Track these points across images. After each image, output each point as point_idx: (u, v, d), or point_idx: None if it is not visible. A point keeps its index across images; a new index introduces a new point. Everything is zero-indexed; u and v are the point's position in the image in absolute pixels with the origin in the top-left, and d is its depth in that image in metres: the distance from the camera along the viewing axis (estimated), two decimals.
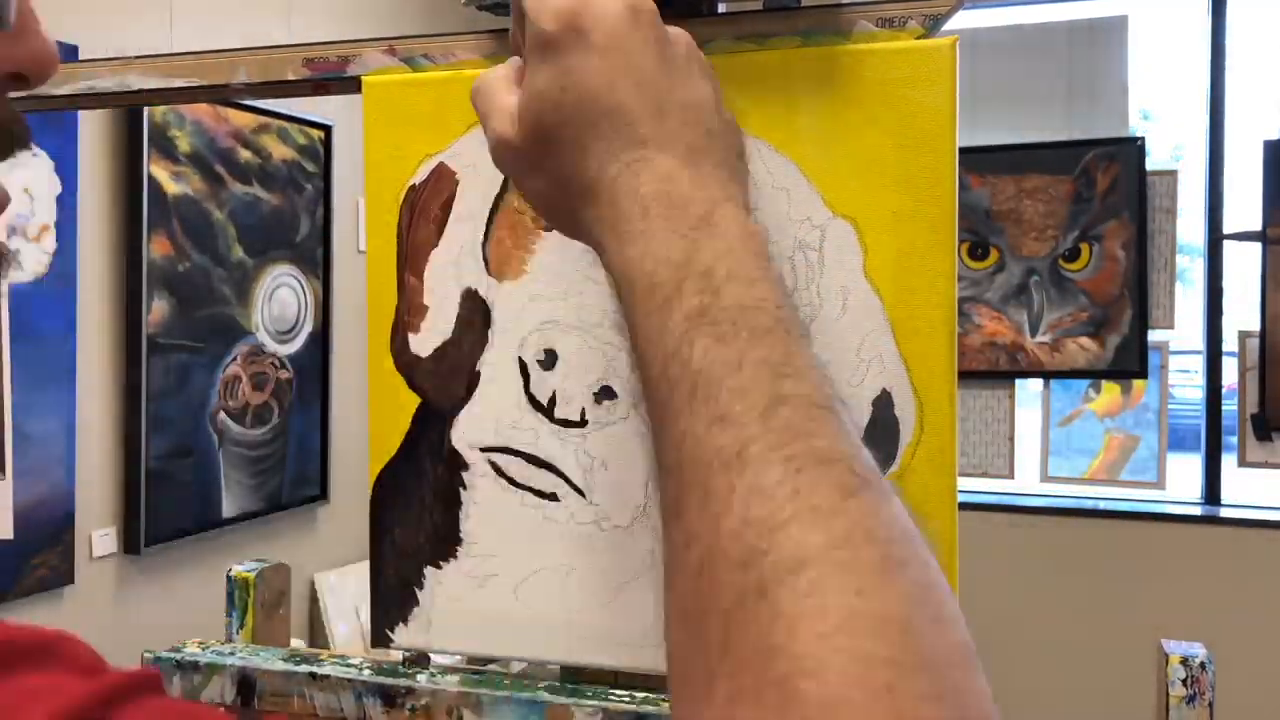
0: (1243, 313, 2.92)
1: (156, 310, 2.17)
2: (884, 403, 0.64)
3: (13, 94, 0.41)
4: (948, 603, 0.34)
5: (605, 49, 0.46)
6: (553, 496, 0.71)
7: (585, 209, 0.47)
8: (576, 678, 0.72)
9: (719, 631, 0.33)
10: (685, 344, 0.40)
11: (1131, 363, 2.89)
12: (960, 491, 0.64)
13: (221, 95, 0.76)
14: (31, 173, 1.90)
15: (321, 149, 2.64)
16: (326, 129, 2.65)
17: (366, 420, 0.74)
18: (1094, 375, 2.97)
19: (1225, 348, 2.96)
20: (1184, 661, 0.61)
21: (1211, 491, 2.99)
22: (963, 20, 0.75)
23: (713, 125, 0.48)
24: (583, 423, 0.70)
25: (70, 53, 1.86)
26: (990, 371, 2.96)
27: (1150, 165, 2.90)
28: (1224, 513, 2.96)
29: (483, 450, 0.71)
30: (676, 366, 0.40)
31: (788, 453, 0.35)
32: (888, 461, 0.63)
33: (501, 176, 0.71)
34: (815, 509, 0.34)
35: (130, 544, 2.15)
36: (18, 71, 0.40)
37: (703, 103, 0.48)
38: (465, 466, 0.72)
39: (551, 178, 0.48)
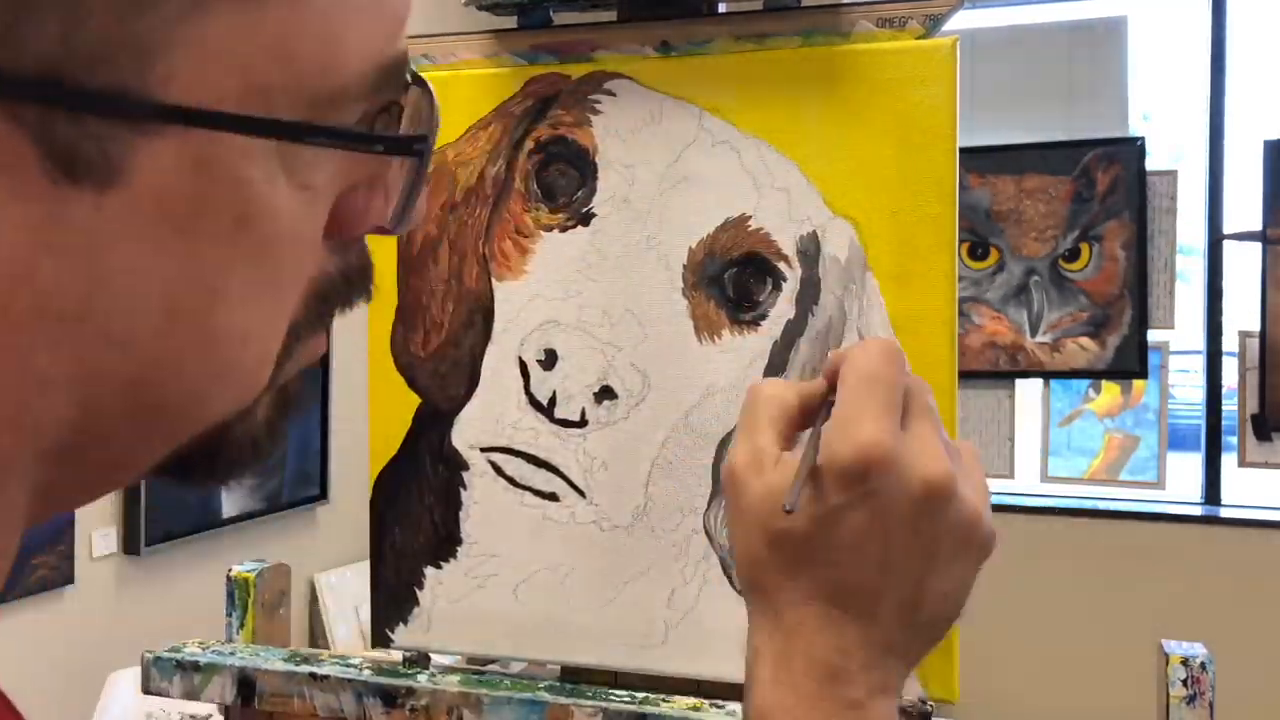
0: (1243, 313, 2.92)
1: None
2: None
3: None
4: None
5: (877, 515, 0.44)
6: (553, 496, 0.71)
7: (756, 605, 0.47)
8: (576, 678, 0.72)
9: None
10: None
11: (1131, 363, 2.89)
12: None
13: None
14: None
15: None
16: None
17: (367, 420, 0.74)
18: (1094, 375, 2.97)
19: (1225, 348, 2.96)
20: (1184, 661, 0.61)
21: (1211, 492, 2.99)
22: (963, 20, 0.75)
23: (931, 613, 0.47)
24: (583, 423, 0.70)
25: None
26: (990, 371, 2.96)
27: (1150, 165, 2.90)
28: (1224, 513, 2.96)
29: (483, 450, 0.71)
30: None
31: None
32: None
33: (503, 178, 0.71)
34: None
35: (130, 544, 2.15)
36: (383, 226, 0.34)
37: (936, 594, 0.47)
38: (465, 466, 0.72)
39: (748, 544, 0.47)
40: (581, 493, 0.71)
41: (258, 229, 0.28)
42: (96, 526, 2.09)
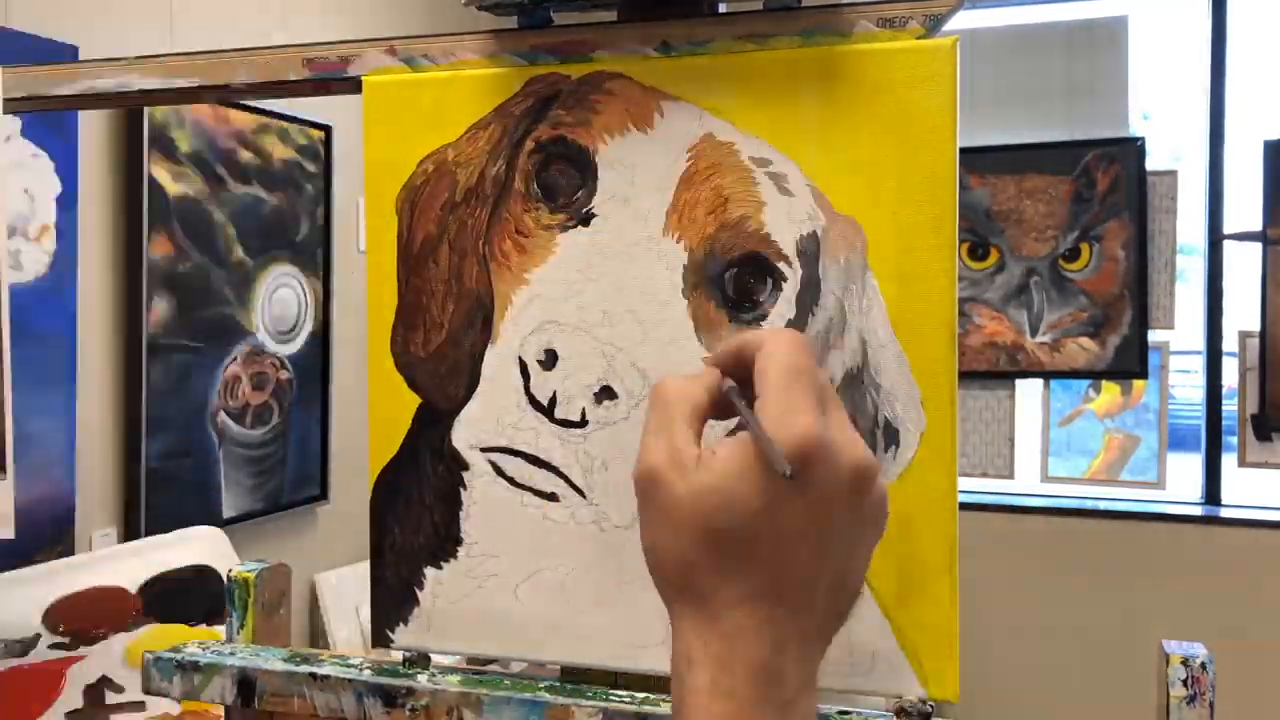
0: (1243, 313, 2.92)
1: (157, 310, 2.17)
2: (885, 402, 0.64)
3: None
4: None
5: (814, 504, 0.44)
6: (553, 496, 0.71)
7: (687, 609, 0.46)
8: (576, 678, 0.72)
9: None
10: None
11: (1132, 363, 2.89)
12: (960, 492, 0.64)
13: (222, 96, 0.76)
14: (31, 173, 1.90)
15: (322, 149, 2.64)
16: (327, 129, 2.65)
17: (367, 421, 0.74)
18: (1094, 375, 2.97)
19: (1225, 348, 2.96)
20: (1184, 662, 0.61)
21: (1211, 492, 2.99)
22: (963, 20, 0.75)
23: (850, 594, 0.47)
24: (583, 423, 0.70)
25: (70, 53, 1.86)
26: (990, 372, 2.96)
27: (1150, 165, 2.90)
28: (1224, 513, 2.96)
29: (483, 450, 0.71)
30: None
31: None
32: (889, 461, 0.64)
33: (503, 178, 0.71)
34: None
35: None
36: None
37: (857, 568, 0.47)
38: (465, 467, 0.72)
39: (677, 547, 0.46)
40: (582, 493, 0.71)
41: None
42: (97, 526, 2.09)
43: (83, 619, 1.70)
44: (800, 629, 0.45)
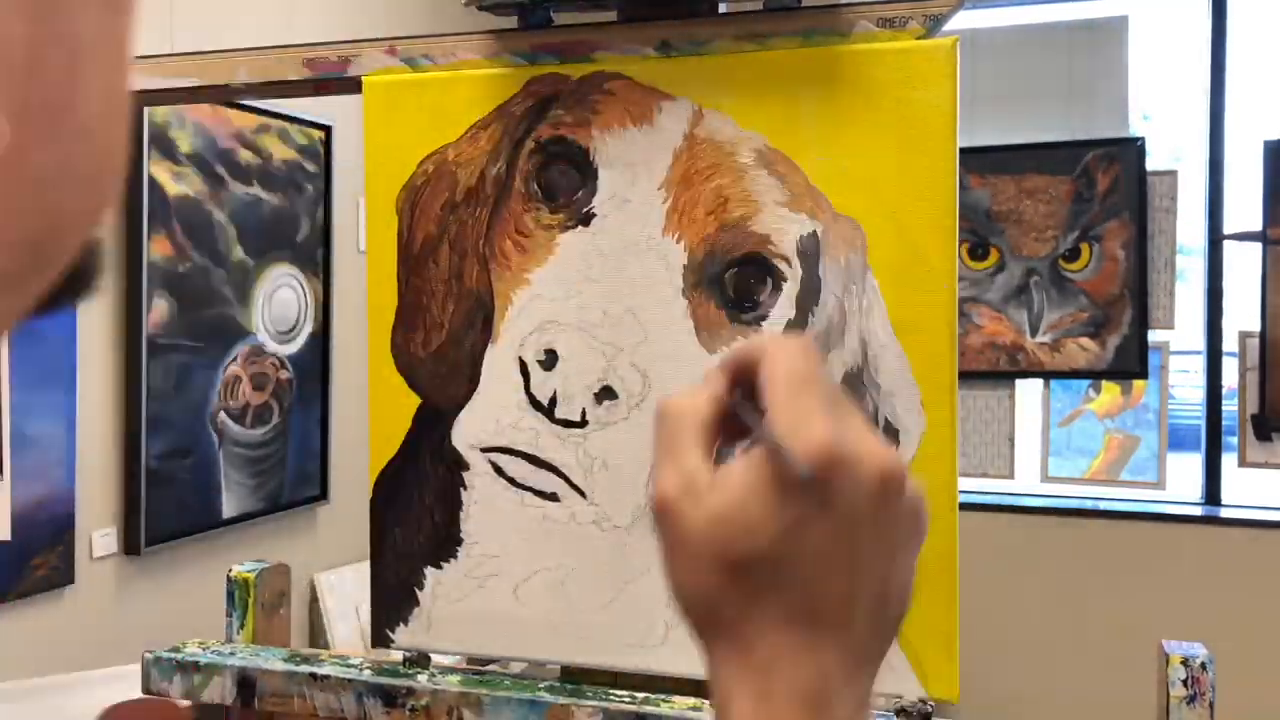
0: (1243, 313, 2.92)
1: (157, 311, 2.17)
2: (885, 402, 0.64)
3: None
4: None
5: (840, 518, 0.41)
6: (553, 496, 0.71)
7: (719, 644, 0.43)
8: (576, 678, 0.72)
9: None
10: None
11: (1132, 363, 2.89)
12: (960, 491, 0.64)
13: (222, 95, 0.76)
14: None
15: (322, 149, 2.64)
16: (327, 129, 2.65)
17: (367, 421, 0.74)
18: (1094, 375, 2.97)
19: (1225, 348, 2.96)
20: (1184, 662, 0.61)
21: (1211, 492, 2.99)
22: (963, 20, 0.75)
23: (896, 610, 0.45)
24: (583, 423, 0.70)
25: None
26: (990, 372, 2.96)
27: (1150, 165, 2.90)
28: (1224, 513, 2.96)
29: (483, 450, 0.71)
30: None
31: None
32: None
33: (503, 178, 0.71)
34: None
35: (130, 544, 2.15)
36: None
37: (898, 588, 0.44)
38: (466, 467, 0.72)
39: (699, 579, 0.43)
40: (582, 493, 0.71)
41: None
42: (97, 527, 2.09)
43: None
44: (842, 652, 0.42)
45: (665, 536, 0.44)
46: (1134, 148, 2.89)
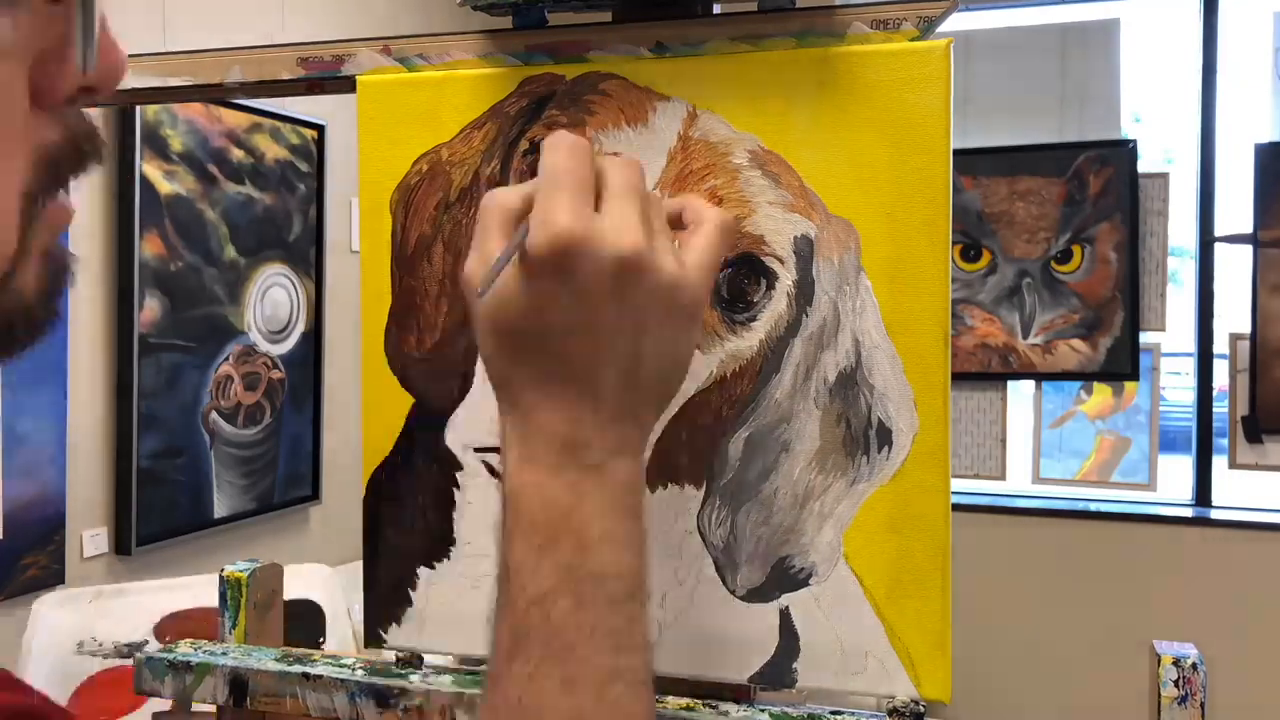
0: (1234, 315, 2.94)
1: (148, 310, 2.16)
2: (878, 403, 0.64)
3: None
4: None
5: (577, 296, 0.48)
6: None
7: (502, 404, 0.51)
8: None
9: None
10: (551, 597, 0.46)
11: (1123, 365, 2.90)
12: (953, 492, 0.64)
13: (216, 95, 0.76)
14: None
15: (314, 148, 2.64)
16: (320, 128, 2.64)
17: (359, 420, 0.74)
18: (1085, 377, 2.98)
19: (1216, 350, 2.97)
20: (1176, 662, 0.61)
21: (1202, 493, 3.00)
22: (957, 22, 0.75)
23: (653, 377, 0.51)
24: None
25: None
26: (982, 373, 2.97)
27: (1142, 168, 2.91)
28: (1214, 514, 2.97)
29: (477, 450, 0.71)
30: (538, 615, 0.46)
31: None
32: (882, 461, 0.64)
33: (497, 178, 0.71)
34: None
35: (121, 544, 2.14)
36: (88, 85, 0.37)
37: (654, 358, 0.50)
38: (459, 467, 0.72)
39: (484, 349, 0.52)
40: None
41: None
42: (87, 526, 2.09)
43: (188, 634, 1.77)
44: (591, 405, 0.48)
45: (470, 312, 0.52)
46: (1125, 150, 2.90)
